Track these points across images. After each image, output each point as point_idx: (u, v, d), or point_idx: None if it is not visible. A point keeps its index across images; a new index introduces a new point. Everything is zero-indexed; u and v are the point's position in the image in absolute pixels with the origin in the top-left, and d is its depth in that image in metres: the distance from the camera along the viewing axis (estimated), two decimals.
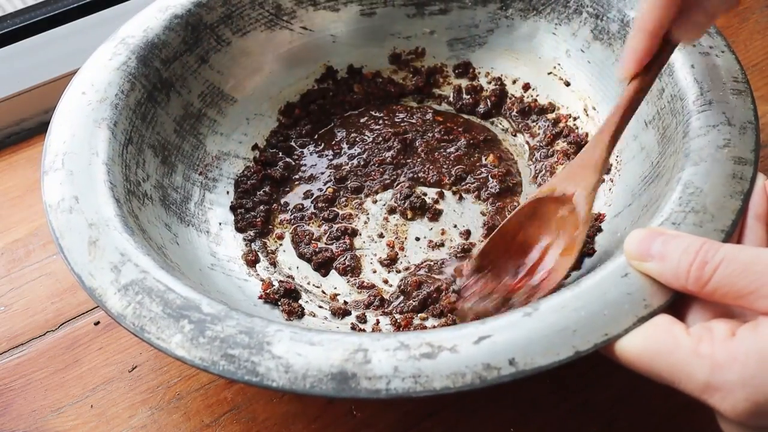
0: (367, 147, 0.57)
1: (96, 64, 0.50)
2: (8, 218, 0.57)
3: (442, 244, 0.51)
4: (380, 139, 0.57)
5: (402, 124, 0.59)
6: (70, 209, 0.42)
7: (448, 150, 0.57)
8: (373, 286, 0.49)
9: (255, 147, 0.57)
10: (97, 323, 0.50)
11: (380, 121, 0.59)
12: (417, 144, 0.57)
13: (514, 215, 0.46)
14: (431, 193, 0.54)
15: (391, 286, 0.49)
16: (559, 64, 0.57)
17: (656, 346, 0.33)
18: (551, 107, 0.57)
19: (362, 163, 0.56)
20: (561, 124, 0.56)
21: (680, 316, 0.35)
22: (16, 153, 0.62)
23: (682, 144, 0.43)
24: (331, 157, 0.57)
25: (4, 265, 0.54)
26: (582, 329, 0.35)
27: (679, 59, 0.47)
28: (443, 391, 0.34)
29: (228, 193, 0.54)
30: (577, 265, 0.47)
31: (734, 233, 0.38)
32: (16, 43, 0.63)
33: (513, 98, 0.59)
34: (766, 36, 0.64)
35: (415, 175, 0.55)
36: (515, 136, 0.58)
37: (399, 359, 0.34)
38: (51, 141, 0.45)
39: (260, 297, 0.48)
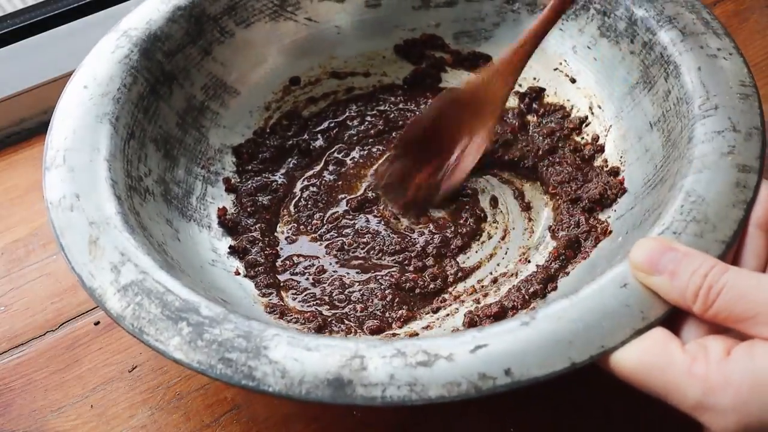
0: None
1: (98, 57, 0.49)
2: (8, 218, 0.56)
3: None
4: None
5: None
6: (71, 207, 0.42)
7: None
8: None
9: None
10: (97, 323, 0.50)
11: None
12: None
13: (430, 109, 0.54)
14: None
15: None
16: (565, 60, 0.56)
17: (651, 362, 0.33)
18: (556, 104, 0.57)
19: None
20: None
21: (675, 328, 0.35)
22: (17, 153, 0.61)
23: (686, 149, 0.42)
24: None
25: (4, 265, 0.53)
26: (578, 340, 0.34)
27: (686, 61, 0.46)
28: (438, 400, 0.34)
29: None
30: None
31: (735, 243, 0.38)
32: (16, 43, 0.63)
33: (517, 94, 0.58)
34: (766, 36, 0.63)
35: None
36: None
37: (395, 366, 0.34)
38: (53, 137, 0.45)
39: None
